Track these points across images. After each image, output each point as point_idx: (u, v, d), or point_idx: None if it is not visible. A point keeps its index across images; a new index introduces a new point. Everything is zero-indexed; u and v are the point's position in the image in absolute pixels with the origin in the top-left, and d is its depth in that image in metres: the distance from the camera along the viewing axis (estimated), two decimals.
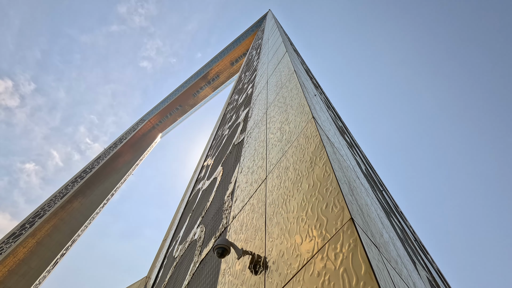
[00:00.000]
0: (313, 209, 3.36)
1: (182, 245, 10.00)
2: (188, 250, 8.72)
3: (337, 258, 2.54)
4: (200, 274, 6.18)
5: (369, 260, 2.23)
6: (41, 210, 38.64)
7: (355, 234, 2.51)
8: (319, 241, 2.91)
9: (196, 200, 13.15)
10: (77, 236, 41.40)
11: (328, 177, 3.45)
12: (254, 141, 8.26)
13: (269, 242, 3.93)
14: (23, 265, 33.08)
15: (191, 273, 6.86)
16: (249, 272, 3.99)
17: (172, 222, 15.47)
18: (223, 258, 5.23)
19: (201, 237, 8.09)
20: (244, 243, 4.73)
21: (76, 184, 43.93)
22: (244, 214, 5.56)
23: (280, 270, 3.28)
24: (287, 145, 5.49)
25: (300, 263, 3.00)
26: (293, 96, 7.15)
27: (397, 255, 3.81)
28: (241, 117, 14.44)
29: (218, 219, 7.35)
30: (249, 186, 6.31)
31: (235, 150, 10.90)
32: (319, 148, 4.14)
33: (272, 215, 4.34)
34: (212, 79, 64.30)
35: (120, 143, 56.36)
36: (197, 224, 9.57)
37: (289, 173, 4.65)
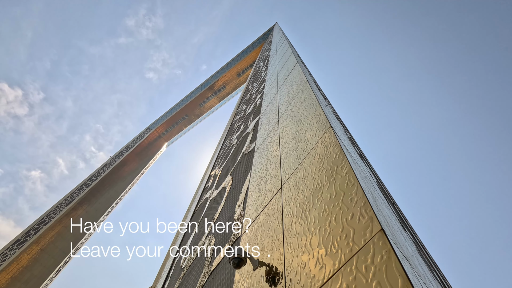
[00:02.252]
0: (337, 220, 3.26)
1: (189, 255, 9.85)
2: (196, 260, 8.57)
3: (368, 270, 2.44)
4: (211, 285, 6.03)
5: (406, 273, 2.13)
6: (46, 217, 38.67)
7: (388, 246, 2.41)
8: (346, 252, 2.81)
9: (204, 209, 13.04)
10: (80, 244, 41.20)
11: (353, 187, 3.37)
12: (266, 151, 8.21)
13: (289, 253, 3.82)
14: (26, 272, 32.88)
15: (200, 284, 6.70)
16: (267, 284, 3.87)
17: (178, 232, 15.31)
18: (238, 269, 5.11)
19: (210, 247, 7.95)
20: (260, 254, 4.62)
21: (82, 191, 44.05)
22: (258, 224, 5.45)
23: (303, 282, 3.17)
24: (303, 154, 5.42)
25: (326, 275, 2.89)
26: (307, 105, 7.13)
27: (422, 270, 3.67)
28: (250, 127, 14.45)
29: (229, 229, 7.23)
30: (262, 196, 6.22)
31: (244, 159, 10.84)
32: (340, 157, 4.07)
33: (291, 225, 4.24)
34: (219, 90, 64.92)
35: (126, 151, 56.72)
36: (205, 234, 9.43)
37: (307, 182, 4.57)
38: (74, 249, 39.88)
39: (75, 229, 40.33)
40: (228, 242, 6.73)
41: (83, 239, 41.32)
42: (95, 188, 46.06)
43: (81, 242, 40.98)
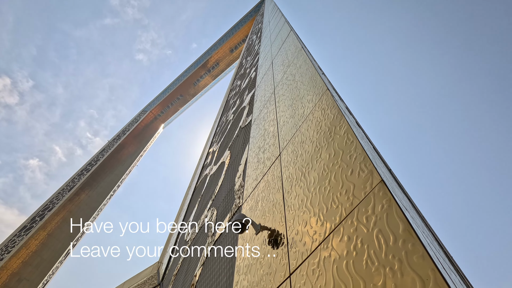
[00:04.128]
0: (337, 177, 3.26)
1: (193, 229, 10.05)
2: (200, 232, 8.75)
3: (369, 220, 2.45)
4: (218, 252, 6.18)
5: (407, 218, 2.14)
6: (50, 203, 39.12)
7: (389, 195, 2.41)
8: (347, 206, 2.82)
9: (204, 185, 13.15)
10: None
11: (352, 144, 3.34)
12: (264, 121, 8.13)
13: (290, 215, 3.86)
14: (36, 256, 33.78)
15: (204, 253, 6.87)
16: (269, 246, 3.95)
17: (181, 208, 15.55)
18: (240, 234, 5.20)
19: (213, 218, 8.09)
20: (262, 218, 4.68)
21: (82, 177, 44.26)
22: (259, 191, 5.49)
23: (305, 239, 3.22)
24: (300, 120, 5.35)
25: (327, 230, 2.92)
26: (302, 72, 6.96)
27: (420, 223, 3.73)
28: (246, 101, 14.25)
29: (230, 200, 7.31)
30: (261, 165, 6.22)
31: (242, 133, 10.78)
32: (338, 118, 4.01)
33: (290, 188, 4.26)
34: (212, 67, 63.53)
35: (123, 135, 56.40)
36: (207, 208, 9.57)
37: (305, 146, 4.54)
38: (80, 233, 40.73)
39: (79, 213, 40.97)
40: (229, 212, 6.82)
41: (89, 221, 42.11)
42: (95, 173, 46.24)
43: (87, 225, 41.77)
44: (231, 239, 5.81)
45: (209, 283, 5.65)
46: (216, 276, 5.47)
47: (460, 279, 3.26)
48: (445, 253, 4.25)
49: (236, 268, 4.71)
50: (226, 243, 5.99)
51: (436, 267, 1.76)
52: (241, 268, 4.50)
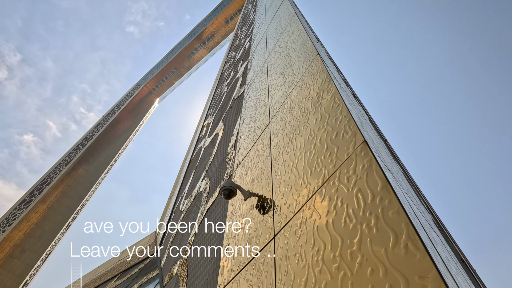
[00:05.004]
0: (322, 141, 3.22)
1: (188, 199, 10.21)
2: (194, 202, 8.89)
3: (350, 180, 2.44)
4: (209, 220, 6.31)
5: (386, 177, 2.13)
6: (47, 177, 39.39)
7: (370, 155, 2.38)
8: (330, 168, 2.81)
9: (199, 157, 13.19)
10: (85, 201, 42.72)
11: (338, 107, 3.27)
12: (255, 91, 7.97)
13: (276, 179, 3.88)
14: (37, 228, 34.59)
15: (198, 221, 7.01)
16: (257, 210, 4.00)
17: (177, 181, 15.72)
18: (230, 200, 5.27)
19: (206, 188, 8.17)
20: (250, 185, 4.71)
21: (79, 151, 44.23)
22: (249, 160, 5.49)
23: (289, 202, 3.24)
24: (290, 87, 5.23)
25: (310, 191, 2.93)
26: (295, 38, 6.71)
27: (406, 187, 3.77)
28: (239, 72, 13.92)
29: (222, 170, 7.35)
30: (252, 134, 6.17)
31: (235, 104, 10.62)
32: (326, 82, 3.90)
33: (278, 154, 4.24)
34: (207, 39, 61.47)
35: (118, 109, 55.69)
36: (201, 178, 9.65)
37: (294, 112, 4.46)
38: (81, 206, 41.46)
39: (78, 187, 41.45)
40: (222, 181, 6.87)
41: (87, 196, 42.74)
42: (92, 147, 46.18)
43: (85, 199, 42.43)
44: (222, 206, 5.90)
45: (201, 249, 5.81)
46: (208, 242, 5.62)
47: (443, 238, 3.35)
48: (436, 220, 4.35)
49: (225, 233, 4.81)
50: (218, 210, 6.09)
51: (410, 221, 1.77)
52: (230, 232, 4.60)
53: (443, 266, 1.67)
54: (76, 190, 41.33)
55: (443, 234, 4.72)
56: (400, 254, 1.70)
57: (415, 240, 1.66)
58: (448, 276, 1.63)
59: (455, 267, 2.58)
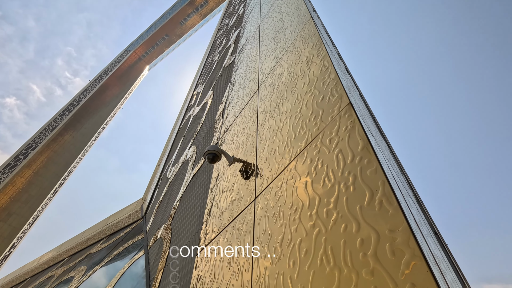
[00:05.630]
0: (308, 105, 3.15)
1: (174, 167, 10.18)
2: (180, 169, 8.87)
3: (332, 142, 2.41)
4: (193, 186, 6.32)
5: (367, 137, 2.09)
6: (32, 143, 38.52)
7: (354, 116, 2.33)
8: (314, 131, 2.76)
9: (187, 126, 13.01)
10: (72, 167, 42.32)
11: (327, 70, 3.16)
12: (246, 58, 7.71)
13: (261, 145, 3.83)
14: (23, 193, 34.34)
15: (184, 187, 7.03)
16: (240, 175, 3.98)
17: (165, 149, 15.60)
18: (214, 164, 5.25)
19: (193, 156, 8.13)
20: (236, 151, 4.67)
21: (65, 117, 43.06)
22: (235, 126, 5.41)
23: (271, 166, 3.22)
24: (281, 52, 5.05)
25: (292, 155, 2.90)
26: (289, 2, 6.40)
27: (388, 156, 3.79)
28: (232, 39, 13.41)
29: (210, 137, 7.26)
30: (240, 101, 6.04)
31: (225, 72, 10.32)
32: (317, 46, 3.75)
33: (264, 120, 4.17)
34: (200, 5, 58.55)
35: (105, 75, 53.72)
36: (188, 146, 9.57)
37: (283, 78, 4.34)
38: (68, 172, 41.10)
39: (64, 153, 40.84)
40: None
41: (75, 163, 42.28)
42: (78, 113, 44.97)
43: (73, 165, 42.00)
44: (207, 172, 5.89)
45: (185, 213, 5.86)
46: (192, 206, 5.66)
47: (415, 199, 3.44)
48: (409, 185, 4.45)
49: (209, 197, 4.83)
50: (203, 177, 6.09)
51: (387, 179, 1.76)
52: (214, 196, 4.62)
53: (414, 222, 1.69)
54: (62, 157, 40.73)
55: (420, 207, 4.87)
56: (373, 211, 1.70)
57: (390, 196, 1.65)
58: (418, 231, 1.65)
59: (426, 230, 2.65)
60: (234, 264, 2.89)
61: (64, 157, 41.26)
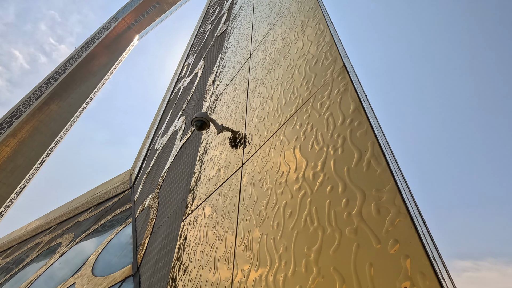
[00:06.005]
0: (301, 70, 3.02)
1: (163, 138, 10.02)
2: (169, 140, 8.73)
3: (323, 106, 2.33)
4: (181, 156, 6.24)
5: (359, 99, 2.01)
6: (16, 111, 37.27)
7: (347, 78, 2.23)
8: (305, 95, 2.67)
9: (177, 97, 12.70)
10: (59, 138, 41.44)
11: (322, 34, 3.01)
12: (239, 26, 7.38)
13: (250, 112, 3.73)
14: (9, 162, 33.69)
15: (172, 156, 6.94)
16: (229, 143, 3.90)
17: (154, 121, 15.31)
18: (203, 133, 5.15)
19: (182, 127, 7.97)
20: (225, 119, 4.56)
21: (50, 85, 41.51)
22: (226, 95, 5.25)
23: (260, 132, 3.14)
24: (276, 18, 4.81)
25: (282, 121, 2.82)
26: None
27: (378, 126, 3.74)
28: (225, 7, 12.82)
29: (199, 107, 7.09)
30: (231, 69, 5.84)
31: (217, 41, 9.93)
32: (313, 9, 3.56)
33: (255, 87, 4.03)
34: None
35: (92, 43, 51.40)
36: (178, 117, 9.37)
37: (276, 44, 4.15)
38: (55, 143, 40.28)
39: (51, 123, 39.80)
40: None
41: (62, 133, 41.36)
42: (64, 82, 43.36)
43: (60, 136, 41.10)
44: (196, 142, 5.79)
45: (173, 182, 5.81)
46: (179, 175, 5.60)
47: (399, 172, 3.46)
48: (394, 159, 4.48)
49: (197, 166, 4.77)
50: (192, 146, 5.99)
51: (376, 139, 1.70)
52: (202, 164, 4.56)
53: (401, 183, 1.66)
54: (49, 126, 39.70)
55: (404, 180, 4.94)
56: (361, 171, 1.66)
57: (379, 156, 1.60)
58: (404, 190, 1.62)
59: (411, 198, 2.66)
60: (219, 228, 2.88)
61: (51, 127, 40.26)
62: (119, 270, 5.08)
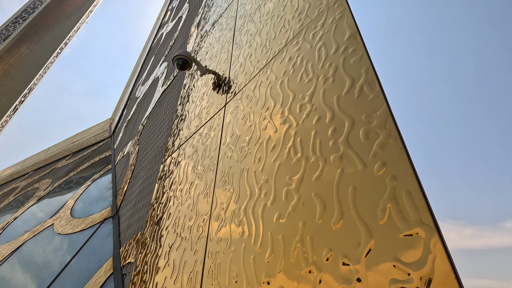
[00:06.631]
0: (293, 1, 2.75)
1: (144, 86, 9.53)
2: (151, 87, 8.31)
3: (315, 36, 2.13)
4: (163, 102, 5.96)
5: (356, 25, 1.83)
6: None
7: (344, 5, 2.02)
8: (296, 28, 2.44)
9: (159, 44, 11.89)
10: (33, 85, 38.94)
11: None
12: None
13: (236, 51, 3.47)
14: None
15: (154, 103, 6.64)
16: (212, 84, 3.68)
17: (135, 69, 14.46)
18: (185, 77, 4.87)
19: (164, 72, 7.54)
20: (209, 60, 4.27)
21: (18, 25, 37.86)
22: (211, 36, 4.88)
23: (246, 70, 2.94)
24: None
25: (270, 56, 2.62)
26: None
27: None
28: None
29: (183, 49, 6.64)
30: (218, 8, 5.37)
31: None
32: None
33: (243, 25, 3.72)
34: None
35: None
36: (160, 63, 8.83)
37: None
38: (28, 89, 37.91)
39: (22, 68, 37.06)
40: None
41: (35, 80, 38.80)
42: (35, 23, 39.56)
43: (33, 82, 38.59)
44: (178, 87, 5.49)
45: (153, 128, 5.61)
46: (160, 120, 5.39)
47: None
48: None
49: (178, 110, 4.56)
50: (173, 91, 5.70)
51: (372, 65, 1.56)
52: (184, 107, 4.35)
53: None
54: (20, 71, 36.98)
55: None
56: (352, 99, 1.55)
57: (372, 81, 1.48)
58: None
59: None
60: (199, 166, 2.80)
61: (23, 72, 37.57)
62: (98, 212, 5.05)
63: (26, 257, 5.22)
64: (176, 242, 2.40)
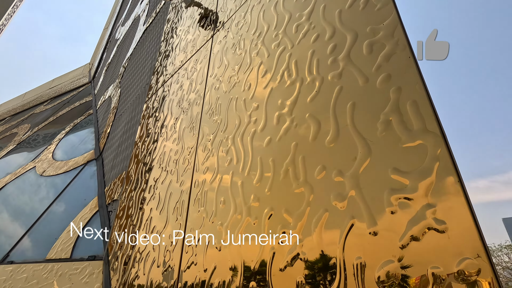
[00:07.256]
0: None
1: (124, 26, 8.78)
2: (131, 27, 7.65)
3: None
4: (145, 41, 5.52)
5: None
6: None
7: None
8: None
9: None
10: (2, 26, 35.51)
11: None
12: None
13: None
14: None
15: (135, 43, 6.15)
16: (198, 15, 3.34)
17: (113, 10, 13.21)
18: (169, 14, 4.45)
19: (145, 10, 6.88)
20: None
21: None
22: None
23: None
24: None
25: None
26: None
27: None
28: None
29: None
30: None
31: None
32: None
33: None
34: None
35: None
36: (140, 1, 8.04)
37: None
38: None
39: None
40: None
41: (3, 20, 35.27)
42: None
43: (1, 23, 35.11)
44: (160, 24, 5.04)
45: (135, 68, 5.26)
46: (142, 60, 5.03)
47: None
48: None
49: (162, 47, 4.22)
50: (156, 29, 5.25)
51: None
52: (167, 43, 4.02)
53: None
54: None
55: None
56: (356, 11, 1.38)
57: None
58: None
59: None
60: (184, 102, 2.64)
61: None
62: (81, 155, 4.91)
63: (9, 198, 5.15)
64: (161, 176, 2.34)
